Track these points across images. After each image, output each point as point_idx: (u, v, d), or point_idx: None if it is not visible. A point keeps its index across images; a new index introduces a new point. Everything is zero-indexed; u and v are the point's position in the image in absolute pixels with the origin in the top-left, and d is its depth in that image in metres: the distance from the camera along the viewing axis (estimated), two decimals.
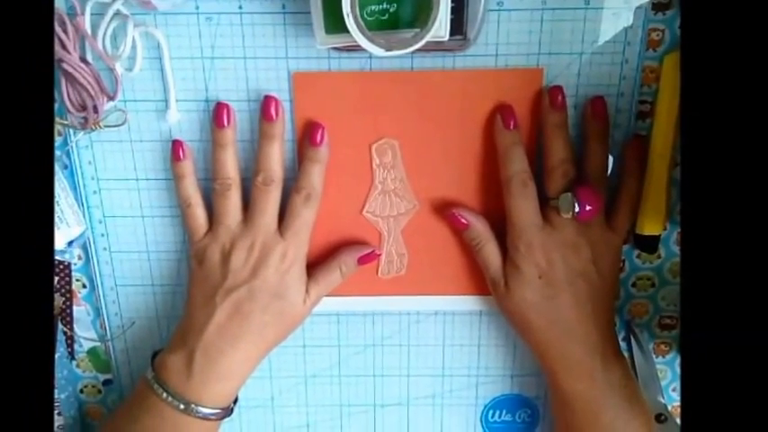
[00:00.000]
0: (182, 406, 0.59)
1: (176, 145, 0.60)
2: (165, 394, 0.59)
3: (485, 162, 0.61)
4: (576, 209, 0.55)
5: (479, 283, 0.65)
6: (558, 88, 0.57)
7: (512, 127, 0.58)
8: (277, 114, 0.58)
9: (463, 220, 0.61)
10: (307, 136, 0.59)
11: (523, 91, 0.59)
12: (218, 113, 0.58)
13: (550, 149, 0.58)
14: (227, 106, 0.58)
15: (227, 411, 0.62)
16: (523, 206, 0.58)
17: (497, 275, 0.61)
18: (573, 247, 0.58)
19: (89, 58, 0.57)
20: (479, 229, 0.61)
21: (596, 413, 0.60)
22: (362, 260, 0.63)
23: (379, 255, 0.64)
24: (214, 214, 0.60)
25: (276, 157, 0.58)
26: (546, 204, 0.59)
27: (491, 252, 0.61)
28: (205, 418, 0.60)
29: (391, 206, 0.63)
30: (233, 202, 0.59)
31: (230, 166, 0.59)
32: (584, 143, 0.59)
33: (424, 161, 0.61)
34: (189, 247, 0.62)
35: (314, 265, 0.63)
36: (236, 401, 0.64)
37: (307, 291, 0.61)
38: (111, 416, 0.69)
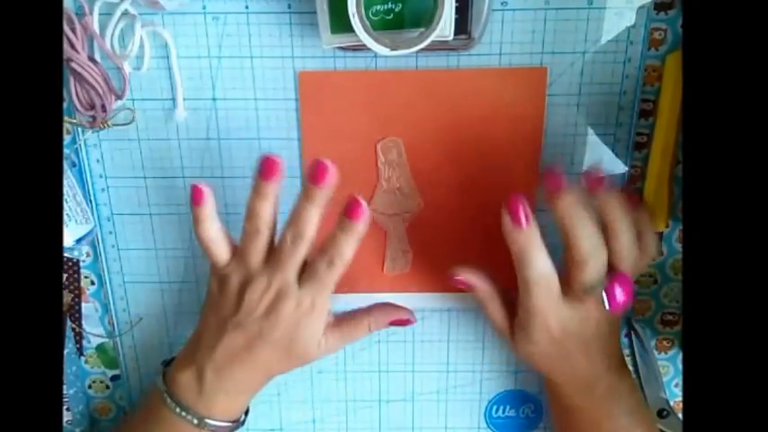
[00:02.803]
0: (195, 421, 0.59)
1: (195, 191, 0.56)
2: (178, 409, 0.59)
3: (489, 160, 0.61)
4: (607, 303, 0.54)
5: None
6: (554, 174, 0.52)
7: (524, 225, 0.53)
8: (326, 180, 0.54)
9: (467, 284, 0.60)
10: (345, 208, 0.55)
11: (527, 89, 0.59)
12: (266, 166, 0.54)
13: (573, 240, 0.53)
14: (276, 160, 0.54)
15: (239, 423, 0.62)
16: (545, 301, 0.55)
17: (502, 329, 0.60)
18: (591, 319, 0.57)
19: (97, 57, 0.57)
20: (482, 288, 0.60)
21: (597, 422, 0.60)
22: (395, 323, 0.62)
23: (413, 323, 0.63)
24: (240, 248, 0.58)
25: (314, 220, 0.55)
26: (567, 284, 0.55)
27: (495, 309, 0.60)
28: (216, 430, 0.60)
29: (396, 204, 0.63)
30: (261, 244, 0.57)
31: (266, 216, 0.56)
32: (606, 225, 0.54)
33: (429, 159, 0.61)
34: (210, 270, 0.60)
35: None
36: (247, 412, 0.64)
37: (325, 337, 0.59)
38: (123, 424, 0.69)
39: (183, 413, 0.59)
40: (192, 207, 0.57)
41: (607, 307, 0.54)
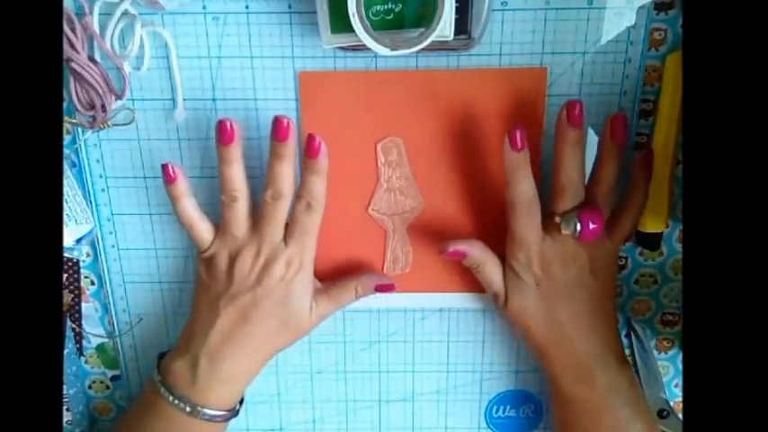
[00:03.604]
0: (188, 409, 0.60)
1: (165, 169, 0.58)
2: (171, 398, 0.60)
3: (489, 160, 0.61)
4: (579, 229, 0.55)
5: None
6: (577, 103, 0.55)
7: (519, 148, 0.56)
8: (288, 135, 0.56)
9: (459, 253, 0.60)
10: (305, 147, 0.58)
11: (527, 90, 0.59)
12: (221, 131, 0.57)
13: (563, 168, 0.57)
14: (229, 122, 0.56)
15: (234, 412, 0.63)
16: (527, 225, 0.58)
17: (499, 289, 0.62)
18: (571, 256, 0.59)
19: (97, 57, 0.57)
20: (476, 254, 0.61)
21: (597, 415, 0.60)
22: (380, 288, 0.64)
23: (395, 289, 0.65)
24: (222, 223, 0.60)
25: (286, 174, 0.57)
26: (548, 217, 0.58)
27: (491, 270, 0.61)
28: (211, 420, 0.61)
29: (396, 204, 0.63)
30: (240, 213, 0.59)
31: (237, 180, 0.58)
32: (598, 159, 0.58)
33: (429, 159, 0.61)
34: (196, 255, 0.62)
35: (321, 264, 0.64)
36: (241, 402, 0.65)
37: (315, 302, 0.61)
38: (120, 419, 0.70)
39: (177, 402, 0.59)
40: (166, 186, 0.59)
41: (577, 233, 0.55)
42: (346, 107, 0.60)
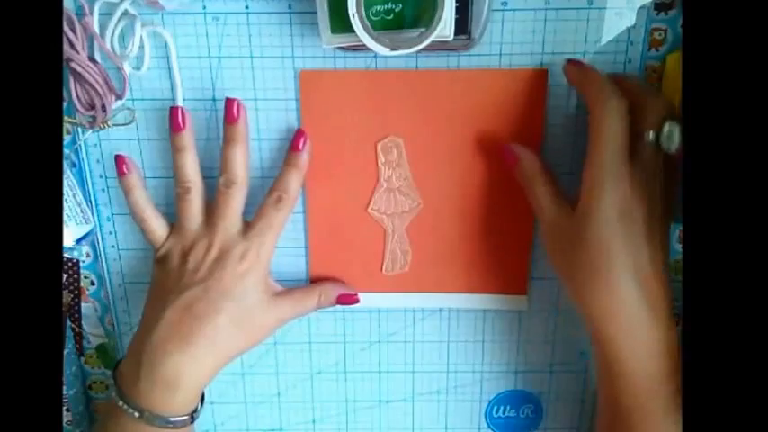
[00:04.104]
0: (136, 414, 0.55)
1: (119, 159, 0.59)
2: (120, 402, 0.56)
3: (489, 161, 0.61)
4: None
5: (484, 281, 0.66)
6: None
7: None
8: (238, 116, 0.57)
9: (512, 155, 0.57)
10: (290, 140, 0.58)
11: (528, 91, 0.59)
12: (173, 118, 0.57)
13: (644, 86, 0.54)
14: (181, 109, 0.57)
15: (189, 418, 0.58)
16: (615, 146, 0.51)
17: (551, 213, 0.55)
18: (656, 180, 0.53)
19: (97, 57, 0.57)
20: (529, 163, 0.57)
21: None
22: (342, 298, 0.64)
23: (358, 301, 0.65)
24: (176, 217, 0.59)
25: (239, 159, 0.57)
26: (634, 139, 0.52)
27: (543, 190, 0.56)
28: (162, 427, 0.56)
29: (396, 204, 0.63)
30: (194, 205, 0.58)
31: (190, 170, 0.58)
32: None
33: (428, 159, 0.61)
34: (153, 260, 0.61)
35: (319, 263, 0.65)
36: (195, 412, 0.60)
37: (276, 303, 0.60)
38: (95, 427, 0.66)
39: (125, 406, 0.56)
40: (118, 178, 0.59)
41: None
42: (347, 106, 0.60)
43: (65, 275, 0.66)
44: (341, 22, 0.51)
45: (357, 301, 0.65)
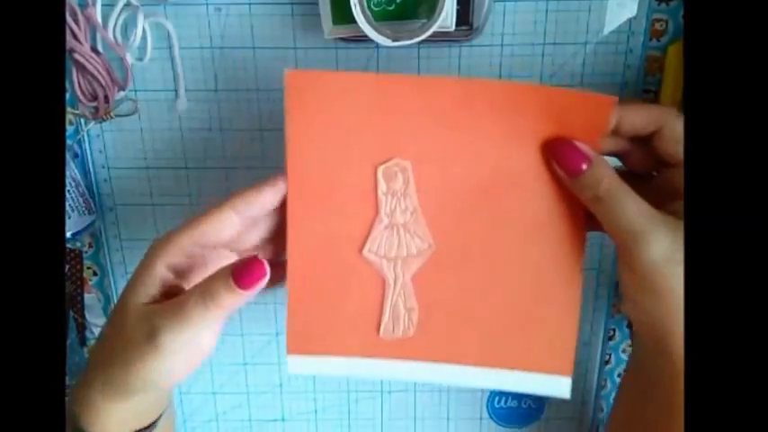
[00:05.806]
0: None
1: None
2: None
3: (523, 195, 0.49)
4: None
5: (512, 352, 0.52)
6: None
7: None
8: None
9: (581, 157, 0.47)
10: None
11: (585, 119, 0.47)
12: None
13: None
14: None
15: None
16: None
17: (633, 228, 0.45)
18: None
19: (100, 48, 0.57)
20: (599, 171, 0.46)
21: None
22: (239, 277, 0.46)
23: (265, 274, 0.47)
24: None
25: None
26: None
27: (631, 201, 0.46)
28: None
29: (399, 245, 0.51)
30: None
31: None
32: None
33: (443, 189, 0.50)
34: None
35: (303, 315, 0.52)
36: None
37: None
38: None
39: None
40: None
41: None
42: (341, 119, 0.49)
43: (67, 266, 0.66)
44: (342, 13, 0.51)
45: (264, 274, 0.47)
